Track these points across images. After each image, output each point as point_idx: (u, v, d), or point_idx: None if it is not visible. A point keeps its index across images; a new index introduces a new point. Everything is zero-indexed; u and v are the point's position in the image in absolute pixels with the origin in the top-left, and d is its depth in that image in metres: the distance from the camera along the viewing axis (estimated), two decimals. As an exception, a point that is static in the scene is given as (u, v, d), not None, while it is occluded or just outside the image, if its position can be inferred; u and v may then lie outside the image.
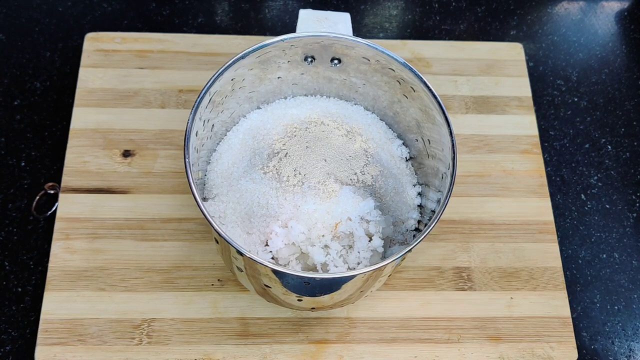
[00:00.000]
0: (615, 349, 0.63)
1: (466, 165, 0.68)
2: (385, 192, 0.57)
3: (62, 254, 0.61)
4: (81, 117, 0.67)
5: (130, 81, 0.70)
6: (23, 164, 0.67)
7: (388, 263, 0.47)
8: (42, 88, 0.72)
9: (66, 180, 0.64)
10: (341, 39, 0.55)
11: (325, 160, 0.56)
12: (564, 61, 0.79)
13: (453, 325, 0.60)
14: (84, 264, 0.60)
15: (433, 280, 0.62)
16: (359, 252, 0.54)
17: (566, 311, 0.62)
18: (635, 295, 0.65)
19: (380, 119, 0.63)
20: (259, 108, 0.62)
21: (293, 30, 0.55)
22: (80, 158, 0.65)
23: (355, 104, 0.63)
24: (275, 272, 0.47)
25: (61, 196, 0.63)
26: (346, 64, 0.58)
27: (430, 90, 0.53)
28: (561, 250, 0.66)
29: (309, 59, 0.58)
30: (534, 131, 0.70)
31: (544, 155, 0.71)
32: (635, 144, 0.74)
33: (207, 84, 0.52)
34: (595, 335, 0.63)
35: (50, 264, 0.60)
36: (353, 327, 0.60)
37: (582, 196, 0.70)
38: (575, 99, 0.76)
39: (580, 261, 0.67)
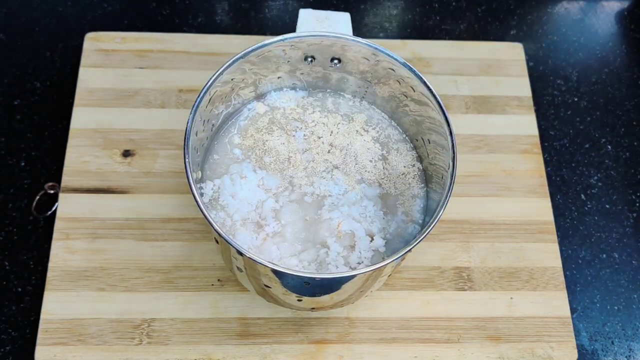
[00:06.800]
0: (615, 349, 0.63)
1: (466, 165, 0.68)
2: (386, 192, 0.57)
3: (62, 254, 0.61)
4: (81, 117, 0.67)
5: (130, 81, 0.70)
6: (23, 164, 0.67)
7: (388, 263, 0.47)
8: (42, 88, 0.72)
9: (66, 180, 0.64)
10: (341, 39, 0.54)
11: (326, 160, 0.56)
12: (564, 61, 0.79)
13: (453, 325, 0.60)
14: (84, 264, 0.60)
15: (433, 280, 0.62)
16: (360, 252, 0.54)
17: (566, 311, 0.62)
18: (635, 295, 0.65)
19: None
20: (259, 108, 0.62)
21: (293, 30, 0.55)
22: (80, 158, 0.65)
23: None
24: (275, 272, 0.47)
25: (61, 196, 0.63)
26: (346, 64, 0.58)
27: (430, 90, 0.53)
28: (561, 250, 0.66)
29: (309, 59, 0.58)
30: (534, 131, 0.70)
31: (544, 155, 0.71)
32: (635, 144, 0.74)
33: (207, 84, 0.52)
34: (595, 335, 0.63)
35: (50, 264, 0.60)
36: (353, 327, 0.60)
37: (582, 196, 0.70)
38: (575, 99, 0.76)
39: (580, 261, 0.67)
